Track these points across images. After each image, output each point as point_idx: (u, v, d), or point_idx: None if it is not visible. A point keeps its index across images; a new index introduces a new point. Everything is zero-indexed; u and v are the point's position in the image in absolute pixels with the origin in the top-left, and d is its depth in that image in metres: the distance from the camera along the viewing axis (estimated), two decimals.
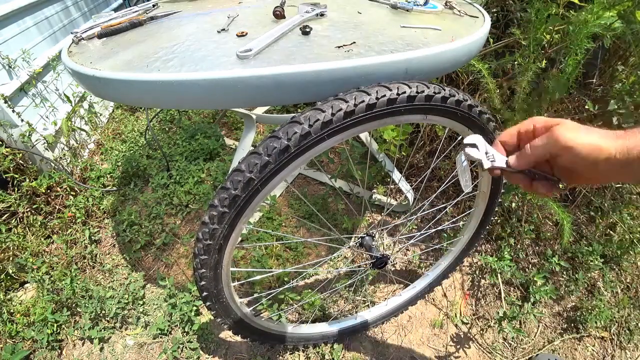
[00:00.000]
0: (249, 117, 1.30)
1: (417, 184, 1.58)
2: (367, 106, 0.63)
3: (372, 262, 1.00)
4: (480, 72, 1.20)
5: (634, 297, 1.30)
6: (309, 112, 0.64)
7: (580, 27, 1.01)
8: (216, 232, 0.69)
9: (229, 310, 0.88)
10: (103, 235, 1.57)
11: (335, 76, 0.65)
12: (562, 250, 1.37)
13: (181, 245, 1.51)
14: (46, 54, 1.86)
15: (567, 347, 1.22)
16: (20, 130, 1.53)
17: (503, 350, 1.19)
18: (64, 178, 1.62)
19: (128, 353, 1.19)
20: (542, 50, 1.21)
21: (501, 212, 1.44)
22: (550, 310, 1.30)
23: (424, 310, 1.30)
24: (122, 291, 1.31)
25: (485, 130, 0.81)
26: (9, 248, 1.35)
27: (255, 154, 0.64)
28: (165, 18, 0.98)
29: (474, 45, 0.80)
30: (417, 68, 0.70)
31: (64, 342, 1.21)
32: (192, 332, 1.20)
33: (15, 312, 1.23)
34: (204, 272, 0.75)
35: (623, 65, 1.26)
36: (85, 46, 0.86)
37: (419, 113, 0.70)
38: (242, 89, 0.65)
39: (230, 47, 0.74)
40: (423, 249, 1.47)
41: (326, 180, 1.74)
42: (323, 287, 1.29)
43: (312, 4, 0.91)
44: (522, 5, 1.32)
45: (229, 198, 0.65)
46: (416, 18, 0.90)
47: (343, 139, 0.68)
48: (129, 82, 0.67)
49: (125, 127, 2.22)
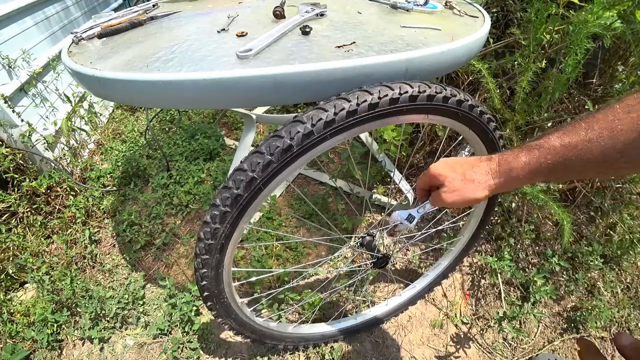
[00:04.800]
0: (249, 117, 1.30)
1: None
2: (370, 105, 0.63)
3: (373, 262, 1.00)
4: (480, 72, 1.20)
5: (634, 297, 1.30)
6: (312, 112, 0.64)
7: (580, 27, 1.01)
8: (218, 232, 0.69)
9: (230, 310, 0.88)
10: (103, 235, 1.57)
11: (335, 76, 0.66)
12: (562, 250, 1.37)
13: (181, 245, 1.51)
14: (46, 54, 1.86)
15: (567, 347, 1.22)
16: (20, 130, 1.53)
17: (503, 350, 1.19)
18: (64, 178, 1.62)
19: (128, 353, 1.19)
20: (542, 50, 1.21)
21: (501, 212, 1.44)
22: (550, 310, 1.30)
23: (424, 310, 1.30)
24: (122, 291, 1.31)
25: (486, 130, 0.81)
26: (9, 248, 1.35)
27: (258, 153, 0.64)
28: (165, 18, 0.98)
29: (474, 45, 0.80)
30: (417, 68, 0.70)
31: (64, 342, 1.21)
32: (192, 332, 1.20)
33: (15, 312, 1.23)
34: (205, 272, 0.75)
35: (623, 65, 1.26)
36: (85, 46, 0.86)
37: (421, 113, 0.70)
38: (242, 89, 0.65)
39: (230, 47, 0.74)
40: (423, 249, 1.47)
41: (326, 180, 1.74)
42: (323, 287, 1.28)
43: (312, 4, 0.91)
44: (522, 5, 1.32)
45: (231, 197, 0.65)
46: (416, 18, 0.91)
47: (345, 139, 0.68)
48: (129, 82, 0.67)
49: (125, 127, 2.22)
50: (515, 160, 0.53)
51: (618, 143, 0.42)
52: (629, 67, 1.23)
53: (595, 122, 0.45)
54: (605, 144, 0.43)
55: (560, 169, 0.48)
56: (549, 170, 0.50)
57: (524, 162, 0.52)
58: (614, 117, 0.43)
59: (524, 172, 0.52)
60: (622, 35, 1.08)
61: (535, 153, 0.51)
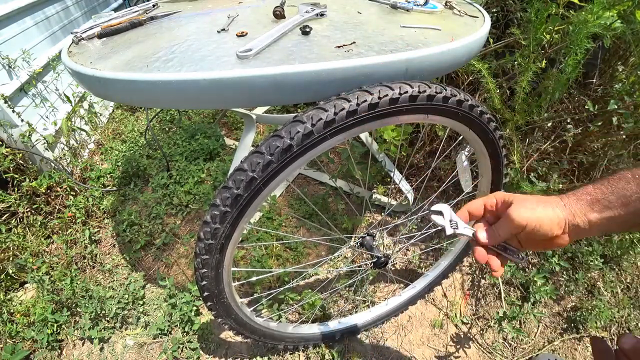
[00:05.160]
0: (249, 117, 1.30)
1: (418, 184, 1.58)
2: (370, 105, 0.63)
3: (373, 262, 1.00)
4: (480, 72, 1.20)
5: (634, 297, 1.30)
6: (312, 111, 0.64)
7: (580, 27, 1.01)
8: (218, 232, 0.69)
9: (230, 310, 0.88)
10: (103, 235, 1.57)
11: (335, 76, 0.65)
12: (562, 250, 1.37)
13: (181, 245, 1.51)
14: (46, 54, 1.86)
15: (567, 347, 1.22)
16: (20, 130, 1.53)
17: (503, 350, 1.19)
18: (64, 178, 1.62)
19: (128, 353, 1.19)
20: (542, 50, 1.21)
21: None
22: (550, 310, 1.30)
23: (424, 310, 1.30)
24: (122, 291, 1.31)
25: (486, 130, 0.81)
26: (9, 248, 1.35)
27: (258, 153, 0.64)
28: (165, 18, 0.98)
29: (474, 45, 0.80)
30: (417, 68, 0.70)
31: (64, 342, 1.21)
32: (192, 332, 1.20)
33: (15, 312, 1.23)
34: (205, 271, 0.75)
35: (623, 65, 1.26)
36: (85, 46, 0.86)
37: (421, 113, 0.70)
38: (242, 89, 0.65)
39: (230, 47, 0.74)
40: (423, 248, 1.47)
41: (326, 180, 1.74)
42: (323, 287, 1.28)
43: (312, 4, 0.91)
44: (522, 5, 1.32)
45: (231, 197, 0.65)
46: (416, 18, 0.90)
47: (345, 139, 0.68)
48: (128, 82, 0.67)
49: (125, 127, 2.22)
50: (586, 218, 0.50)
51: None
52: (629, 67, 1.23)
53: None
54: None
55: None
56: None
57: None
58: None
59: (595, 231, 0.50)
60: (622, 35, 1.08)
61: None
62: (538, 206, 0.50)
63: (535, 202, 0.51)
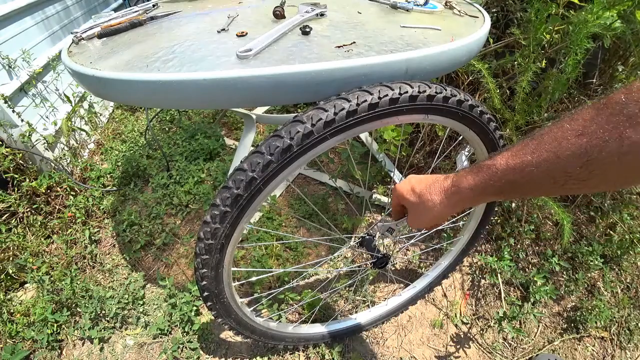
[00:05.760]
0: (249, 117, 1.30)
1: None
2: (370, 105, 0.63)
3: (373, 262, 1.00)
4: (480, 72, 1.20)
5: (634, 297, 1.30)
6: (312, 111, 0.64)
7: (580, 27, 1.01)
8: (218, 232, 0.69)
9: (230, 310, 0.88)
10: (103, 235, 1.57)
11: (335, 76, 0.66)
12: (562, 250, 1.37)
13: (181, 245, 1.51)
14: (46, 54, 1.86)
15: (567, 347, 1.22)
16: (20, 130, 1.53)
17: (503, 350, 1.19)
18: (64, 178, 1.62)
19: (128, 353, 1.19)
20: (542, 50, 1.21)
21: (501, 212, 1.44)
22: (550, 310, 1.30)
23: (424, 310, 1.30)
24: (122, 291, 1.31)
25: (486, 130, 0.81)
26: (9, 248, 1.35)
27: (258, 153, 0.64)
28: (165, 18, 0.98)
29: (474, 45, 0.80)
30: (417, 68, 0.70)
31: (64, 342, 1.21)
32: (192, 332, 1.20)
33: (15, 312, 1.23)
34: (205, 271, 0.75)
35: (623, 65, 1.26)
36: (85, 46, 0.86)
37: (421, 113, 0.70)
38: (242, 89, 0.65)
39: (230, 47, 0.74)
40: (423, 248, 1.47)
41: (326, 180, 1.74)
42: (323, 287, 1.28)
43: (312, 4, 0.91)
44: (522, 5, 1.32)
45: (231, 197, 0.65)
46: (416, 18, 0.91)
47: (345, 139, 0.68)
48: (129, 82, 0.67)
49: (125, 127, 2.22)
50: (464, 180, 0.52)
51: (566, 167, 0.39)
52: (629, 67, 1.23)
53: (542, 144, 0.42)
54: (552, 168, 0.41)
55: (508, 190, 0.47)
56: (495, 191, 0.48)
57: (471, 184, 0.51)
58: (562, 139, 0.40)
59: (471, 194, 0.51)
60: (622, 35, 1.08)
61: (482, 175, 0.49)
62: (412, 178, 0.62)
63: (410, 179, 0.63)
